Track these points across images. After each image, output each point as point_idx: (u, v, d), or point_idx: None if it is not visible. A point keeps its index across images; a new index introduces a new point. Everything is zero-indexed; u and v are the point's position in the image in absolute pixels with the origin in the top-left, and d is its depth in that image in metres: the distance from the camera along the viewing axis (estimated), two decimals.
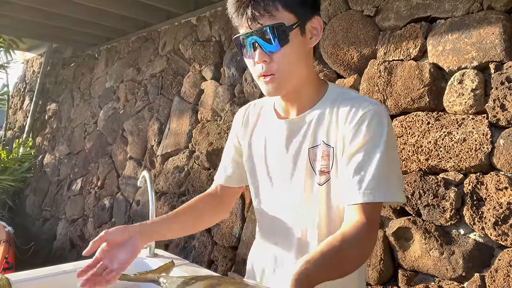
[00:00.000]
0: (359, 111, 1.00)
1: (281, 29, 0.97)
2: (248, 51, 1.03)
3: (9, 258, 4.14)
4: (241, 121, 1.28)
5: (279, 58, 1.01)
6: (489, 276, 2.00)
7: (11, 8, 4.37)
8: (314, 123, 1.08)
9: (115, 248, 1.08)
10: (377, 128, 0.98)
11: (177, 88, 4.24)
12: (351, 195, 0.98)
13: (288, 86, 1.06)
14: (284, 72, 1.02)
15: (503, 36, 2.05)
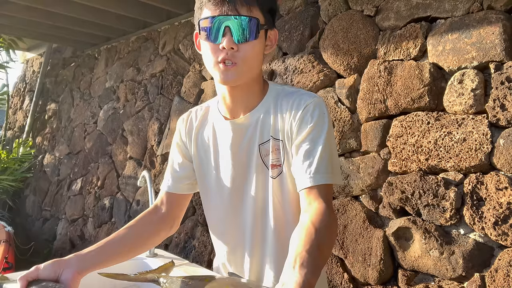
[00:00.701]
0: (301, 104, 1.09)
1: (255, 24, 1.03)
2: (214, 35, 1.03)
3: (9, 258, 4.14)
4: (185, 126, 1.29)
5: (245, 49, 1.04)
6: (489, 276, 2.00)
7: (11, 8, 4.37)
8: (261, 121, 1.14)
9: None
10: (320, 117, 1.07)
11: (177, 88, 4.24)
12: (304, 180, 1.04)
13: (244, 78, 1.09)
14: (246, 63, 1.06)
15: (503, 36, 2.05)
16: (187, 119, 1.30)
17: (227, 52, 1.03)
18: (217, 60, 1.05)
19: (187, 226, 3.76)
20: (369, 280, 2.40)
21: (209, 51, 1.06)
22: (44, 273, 1.04)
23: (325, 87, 2.83)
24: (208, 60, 1.08)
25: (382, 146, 2.47)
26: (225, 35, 1.02)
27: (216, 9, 1.03)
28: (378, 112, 2.49)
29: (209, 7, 1.04)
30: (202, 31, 1.06)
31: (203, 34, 1.06)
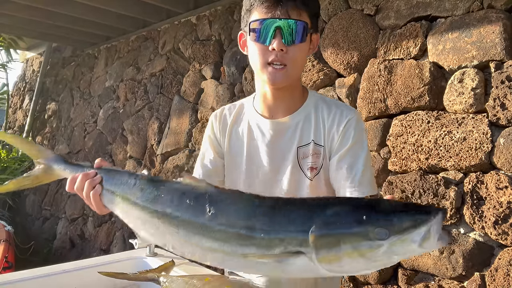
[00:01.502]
0: (343, 117, 1.16)
1: (304, 27, 1.08)
2: (264, 36, 1.07)
3: (9, 257, 4.14)
4: (218, 121, 1.30)
5: (294, 51, 1.09)
6: (489, 275, 2.00)
7: (11, 7, 4.37)
8: (302, 124, 1.18)
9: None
10: (361, 133, 1.17)
11: (177, 87, 4.24)
12: (349, 192, 1.11)
13: (290, 80, 1.13)
14: (294, 65, 1.11)
15: (503, 35, 2.04)
16: (220, 115, 1.31)
17: (277, 54, 1.07)
18: (266, 62, 1.09)
19: None
20: (369, 280, 2.40)
21: (257, 52, 1.10)
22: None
23: (325, 86, 2.83)
24: (256, 61, 1.11)
25: (382, 145, 2.47)
26: (275, 37, 1.06)
27: (268, 12, 1.07)
28: (378, 111, 2.49)
29: (261, 10, 1.08)
30: (251, 32, 1.09)
31: (252, 36, 1.10)
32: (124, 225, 4.47)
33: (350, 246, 0.69)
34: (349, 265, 0.71)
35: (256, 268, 0.80)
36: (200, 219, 0.80)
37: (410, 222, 0.68)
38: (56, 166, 1.10)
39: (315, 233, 0.71)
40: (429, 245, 0.68)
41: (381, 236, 0.68)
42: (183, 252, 0.86)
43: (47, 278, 1.38)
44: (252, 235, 0.75)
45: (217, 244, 0.78)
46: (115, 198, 0.98)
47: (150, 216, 0.88)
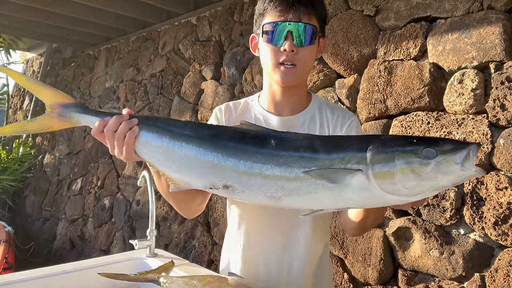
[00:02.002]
0: (346, 119, 1.24)
1: (314, 31, 1.15)
2: (276, 38, 1.14)
3: (9, 258, 4.14)
4: (223, 114, 1.31)
5: (304, 53, 1.15)
6: (489, 276, 2.00)
7: (11, 8, 4.37)
8: (307, 123, 1.25)
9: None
10: (361, 133, 1.28)
11: (177, 88, 4.24)
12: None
13: (299, 79, 1.20)
14: (304, 65, 1.18)
15: (503, 36, 2.05)
16: (226, 108, 1.32)
17: (288, 54, 1.13)
18: (278, 62, 1.15)
19: (187, 226, 3.76)
20: (369, 280, 2.40)
21: (269, 53, 1.16)
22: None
23: (325, 87, 2.83)
24: (268, 61, 1.17)
25: None
26: (286, 39, 1.13)
27: (281, 16, 1.14)
28: (378, 112, 2.49)
29: (274, 13, 1.15)
30: (264, 34, 1.16)
31: (265, 37, 1.16)
32: (124, 226, 4.48)
33: (403, 162, 0.79)
34: (401, 182, 0.79)
35: (313, 195, 0.84)
36: (264, 149, 0.87)
37: (453, 146, 0.80)
38: (75, 112, 1.00)
39: (372, 150, 0.81)
40: (469, 166, 0.78)
41: (429, 155, 0.79)
42: (236, 187, 0.88)
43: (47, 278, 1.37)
44: (315, 157, 0.83)
45: (280, 170, 0.84)
46: (155, 141, 0.96)
47: (204, 154, 0.90)
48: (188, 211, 1.28)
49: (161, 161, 0.96)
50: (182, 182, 0.96)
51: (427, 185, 0.80)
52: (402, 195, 0.81)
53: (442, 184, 0.81)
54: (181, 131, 0.95)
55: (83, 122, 1.01)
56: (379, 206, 0.91)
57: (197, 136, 0.93)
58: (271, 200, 0.88)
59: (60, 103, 1.02)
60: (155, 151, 0.96)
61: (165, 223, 4.01)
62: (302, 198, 0.86)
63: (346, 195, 0.82)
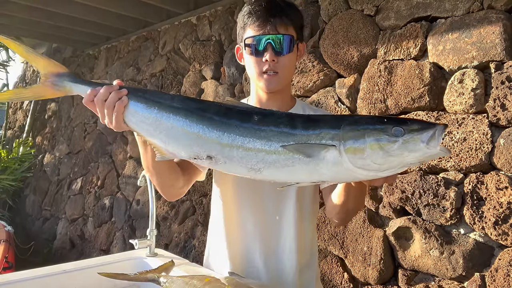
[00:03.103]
0: None
1: (291, 40, 1.26)
2: (258, 49, 1.24)
3: (9, 257, 4.14)
4: None
5: (284, 61, 1.26)
6: (489, 276, 2.00)
7: (11, 8, 4.37)
8: None
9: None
10: None
11: (177, 87, 4.24)
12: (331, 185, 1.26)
13: (281, 84, 1.30)
14: (284, 72, 1.28)
15: (504, 36, 2.04)
16: None
17: (269, 64, 1.24)
18: (262, 71, 1.26)
19: (187, 225, 3.76)
20: (369, 280, 2.40)
21: (253, 64, 1.27)
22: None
23: (325, 87, 2.83)
24: (253, 71, 1.28)
25: None
26: (267, 50, 1.24)
27: (260, 30, 1.24)
28: (378, 112, 2.49)
29: (253, 27, 1.25)
30: (247, 47, 1.27)
31: (247, 50, 1.27)
32: (124, 226, 4.48)
33: (372, 139, 0.86)
34: (370, 157, 0.86)
35: (290, 168, 0.90)
36: (247, 124, 0.93)
37: (420, 125, 0.87)
38: (68, 81, 1.06)
39: (344, 128, 0.88)
40: (434, 145, 0.84)
41: (398, 133, 0.85)
42: (219, 158, 0.94)
43: (47, 278, 1.38)
44: (293, 133, 0.90)
45: (260, 143, 0.91)
46: (144, 111, 1.00)
47: (190, 125, 0.96)
48: (171, 191, 1.32)
49: (149, 131, 1.00)
50: (168, 152, 1.00)
51: (394, 161, 0.87)
52: (371, 169, 0.88)
53: (408, 161, 0.87)
54: (169, 103, 0.99)
55: (75, 91, 1.06)
56: (350, 180, 0.99)
57: (184, 108, 0.98)
58: (251, 172, 0.93)
59: (54, 72, 1.06)
60: (143, 121, 1.00)
61: (165, 222, 4.01)
62: (280, 171, 0.92)
63: (320, 169, 0.89)
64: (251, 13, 1.27)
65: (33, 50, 1.08)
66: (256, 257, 1.33)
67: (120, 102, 1.00)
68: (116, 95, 1.00)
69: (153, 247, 1.63)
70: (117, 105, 1.00)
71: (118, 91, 1.01)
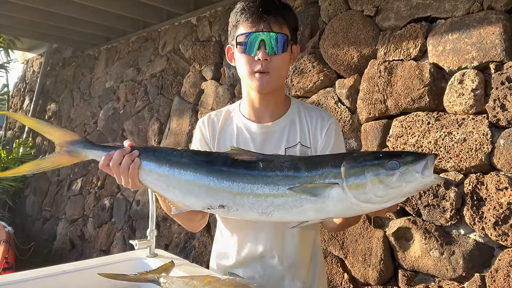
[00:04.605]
0: (325, 121, 1.31)
1: (285, 39, 1.20)
2: (250, 48, 1.19)
3: (9, 258, 4.14)
4: (207, 127, 1.37)
5: (277, 60, 1.21)
6: (489, 276, 2.00)
7: (11, 8, 4.37)
8: (288, 128, 1.30)
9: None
10: (339, 134, 1.34)
11: (177, 88, 4.24)
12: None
13: (274, 85, 1.25)
14: (277, 72, 1.23)
15: (504, 36, 2.05)
16: (208, 120, 1.38)
17: (262, 63, 1.19)
18: (253, 70, 1.21)
19: None
20: (369, 280, 2.40)
21: (245, 63, 1.22)
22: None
23: (325, 87, 2.83)
24: (244, 70, 1.23)
25: (382, 146, 2.47)
26: (259, 49, 1.18)
27: (253, 27, 1.19)
28: (378, 112, 2.49)
29: (246, 25, 1.20)
30: (238, 45, 1.21)
31: (239, 48, 1.21)
32: (124, 226, 4.48)
33: (372, 174, 0.92)
34: (372, 191, 0.91)
35: (299, 208, 0.95)
36: (254, 171, 0.99)
37: (413, 157, 0.93)
38: (82, 148, 1.11)
39: (345, 166, 0.94)
40: (428, 174, 0.91)
41: (394, 166, 0.92)
42: (231, 206, 0.99)
43: (47, 279, 1.37)
44: (298, 175, 0.96)
45: (268, 188, 0.96)
46: (156, 169, 1.06)
47: (201, 178, 1.01)
48: (192, 226, 1.39)
49: (163, 187, 1.06)
50: (182, 205, 1.06)
51: (394, 192, 0.93)
52: (374, 202, 0.93)
53: (407, 191, 0.93)
54: (178, 159, 1.05)
55: (90, 157, 1.11)
56: (356, 214, 1.03)
57: (194, 163, 1.04)
58: (263, 216, 0.99)
59: (68, 140, 1.12)
60: (157, 179, 1.07)
61: (165, 223, 4.01)
62: (289, 212, 0.97)
63: (327, 206, 0.94)
64: (244, 10, 1.23)
65: (46, 122, 1.15)
66: (264, 250, 1.31)
67: (133, 164, 1.06)
68: (129, 158, 1.06)
69: (153, 248, 1.63)
70: (131, 168, 1.06)
71: (131, 154, 1.07)
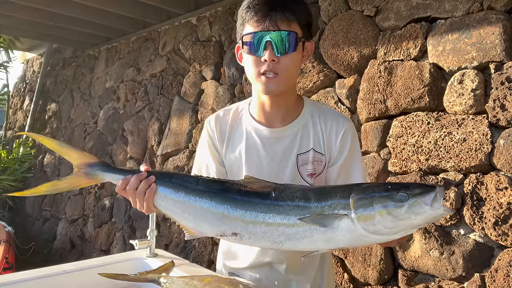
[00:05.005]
0: (340, 126, 1.24)
1: (294, 37, 1.12)
2: (256, 48, 1.12)
3: (9, 258, 4.14)
4: (215, 128, 1.31)
5: (286, 61, 1.13)
6: (489, 276, 2.00)
7: (11, 8, 4.37)
8: (300, 133, 1.24)
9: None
10: (356, 140, 1.28)
11: (177, 88, 4.24)
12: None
13: (283, 88, 1.17)
14: (286, 74, 1.15)
15: (503, 36, 2.05)
16: (215, 120, 1.32)
17: (269, 64, 1.12)
18: (259, 72, 1.14)
19: None
20: (369, 280, 2.40)
21: (251, 64, 1.15)
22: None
23: (325, 87, 2.83)
24: (251, 72, 1.17)
25: (382, 146, 2.47)
26: (266, 49, 1.11)
27: (258, 25, 1.11)
28: (378, 112, 2.49)
29: (252, 23, 1.13)
30: (244, 45, 1.15)
31: (245, 48, 1.15)
32: (124, 226, 4.48)
33: (380, 206, 0.91)
34: (380, 223, 0.91)
35: (309, 238, 0.96)
36: (266, 201, 0.99)
37: (422, 189, 0.92)
38: (100, 171, 1.13)
39: (354, 197, 0.94)
40: (437, 206, 0.89)
41: (402, 198, 0.91)
42: (244, 235, 1.00)
43: (47, 279, 1.37)
44: (308, 205, 0.96)
45: (280, 218, 0.96)
46: (172, 195, 1.07)
47: (215, 206, 1.02)
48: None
49: (178, 213, 1.08)
50: (196, 231, 1.08)
51: (403, 224, 0.92)
52: (383, 234, 0.93)
53: (416, 223, 0.92)
54: (194, 186, 1.07)
55: (106, 179, 1.13)
56: (366, 244, 1.08)
57: (209, 191, 1.05)
58: (274, 245, 1.00)
59: (86, 163, 1.13)
60: (172, 205, 1.08)
61: (165, 223, 4.01)
62: (300, 242, 0.97)
63: (336, 237, 0.95)
64: (249, 7, 1.14)
65: (66, 144, 1.17)
66: (273, 256, 1.29)
67: (150, 189, 1.06)
68: (146, 183, 1.06)
69: (153, 248, 1.63)
70: (147, 193, 1.06)
71: (147, 179, 1.07)
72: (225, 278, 1.14)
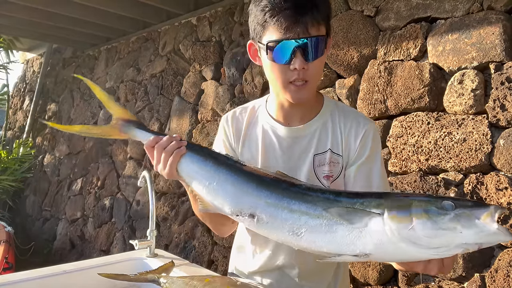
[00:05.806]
0: (361, 127, 1.17)
1: (324, 40, 1.05)
2: (285, 57, 1.03)
3: (9, 258, 4.14)
4: (231, 126, 1.28)
5: (315, 67, 1.06)
6: (489, 276, 2.00)
7: (11, 8, 4.37)
8: (318, 132, 1.18)
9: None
10: (377, 144, 1.20)
11: (177, 88, 4.24)
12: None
13: (310, 95, 1.13)
14: (315, 79, 1.10)
15: (503, 36, 2.05)
16: (232, 118, 1.28)
17: (299, 73, 1.04)
18: (288, 81, 1.07)
19: (187, 226, 3.76)
20: (369, 280, 2.40)
21: (277, 72, 1.07)
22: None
23: (325, 87, 2.83)
24: (275, 80, 1.09)
25: (382, 146, 2.47)
26: (295, 56, 1.02)
27: (287, 32, 1.01)
28: (378, 112, 2.49)
29: (279, 29, 1.01)
30: (268, 50, 1.04)
31: (269, 54, 1.05)
32: (124, 226, 4.48)
33: (420, 209, 0.79)
34: (417, 227, 0.78)
35: (332, 234, 0.87)
36: (295, 188, 0.94)
37: (474, 203, 0.79)
38: (134, 128, 1.14)
39: (391, 197, 0.85)
40: (490, 221, 0.75)
41: (448, 207, 0.78)
42: (262, 217, 0.94)
43: (47, 279, 1.37)
44: (339, 199, 0.88)
45: (306, 206, 0.89)
46: (199, 163, 1.04)
47: (241, 181, 0.98)
48: (222, 229, 1.30)
49: (199, 182, 1.04)
50: (212, 205, 1.02)
51: (446, 236, 0.77)
52: (419, 245, 0.79)
53: (463, 240, 0.77)
54: (223, 159, 1.04)
55: (137, 137, 1.13)
56: (397, 257, 0.87)
57: (237, 167, 1.02)
58: (291, 237, 0.91)
59: (125, 118, 1.14)
60: (196, 172, 1.04)
61: (165, 223, 4.01)
62: (320, 237, 0.88)
63: (363, 238, 0.83)
64: (274, 8, 1.02)
65: (112, 98, 1.20)
66: (284, 260, 1.22)
67: (178, 150, 1.04)
68: (177, 144, 1.04)
69: (153, 248, 1.63)
70: (175, 153, 1.04)
71: (180, 141, 1.05)
72: (225, 278, 1.14)
